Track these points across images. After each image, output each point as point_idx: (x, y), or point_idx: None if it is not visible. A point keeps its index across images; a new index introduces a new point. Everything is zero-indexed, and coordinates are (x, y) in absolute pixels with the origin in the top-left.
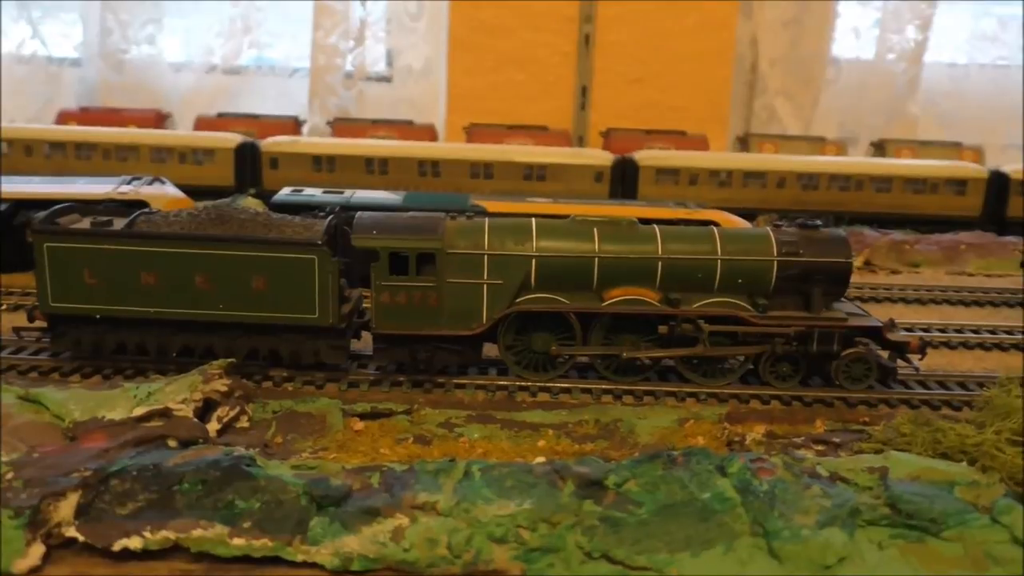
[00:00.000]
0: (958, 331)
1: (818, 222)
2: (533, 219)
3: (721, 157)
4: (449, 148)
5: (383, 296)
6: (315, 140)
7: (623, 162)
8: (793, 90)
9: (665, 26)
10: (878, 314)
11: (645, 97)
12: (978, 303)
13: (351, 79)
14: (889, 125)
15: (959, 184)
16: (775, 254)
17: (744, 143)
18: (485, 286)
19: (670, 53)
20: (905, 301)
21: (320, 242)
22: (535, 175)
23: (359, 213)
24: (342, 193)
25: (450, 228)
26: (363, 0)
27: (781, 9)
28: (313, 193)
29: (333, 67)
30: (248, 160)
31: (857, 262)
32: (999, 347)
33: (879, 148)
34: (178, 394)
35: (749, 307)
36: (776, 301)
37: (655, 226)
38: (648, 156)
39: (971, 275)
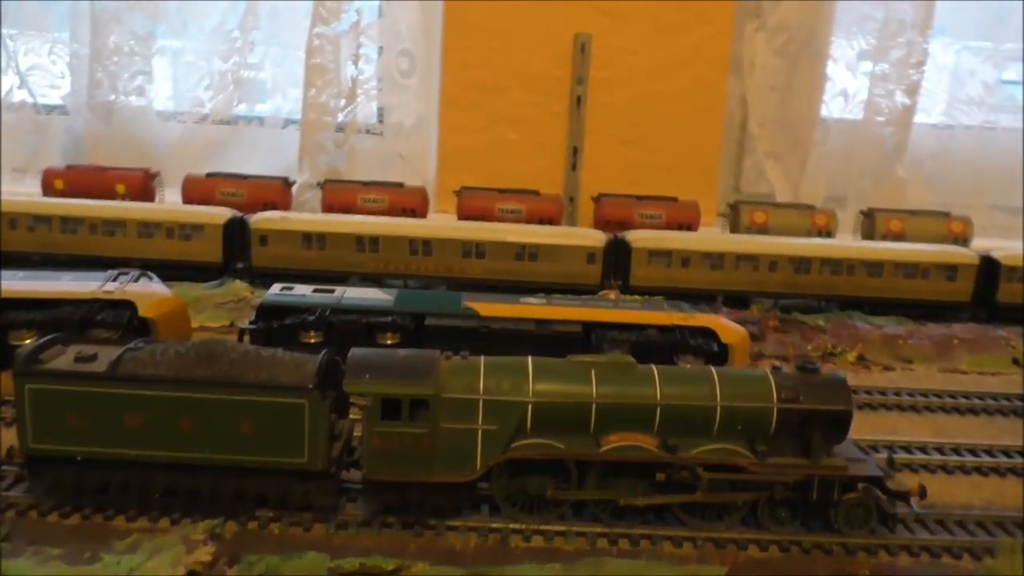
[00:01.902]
0: (955, 451)
1: (816, 364)
2: (530, 359)
3: (713, 239)
4: (440, 227)
5: (375, 442)
6: (305, 217)
7: (616, 243)
8: (782, 152)
9: (656, 89)
10: (876, 425)
11: (636, 158)
12: (973, 411)
13: (342, 137)
14: (877, 187)
15: (950, 270)
16: (775, 400)
17: (735, 211)
18: (480, 431)
19: (661, 115)
20: (900, 408)
21: (311, 386)
22: (527, 255)
23: (352, 351)
24: (333, 292)
25: (444, 370)
26: (355, 60)
27: (770, 73)
28: (303, 293)
29: (324, 125)
30: (237, 236)
31: (850, 357)
32: (996, 471)
33: (868, 217)
34: (160, 568)
35: (748, 453)
36: (775, 446)
37: (653, 367)
38: (641, 238)
39: (964, 373)
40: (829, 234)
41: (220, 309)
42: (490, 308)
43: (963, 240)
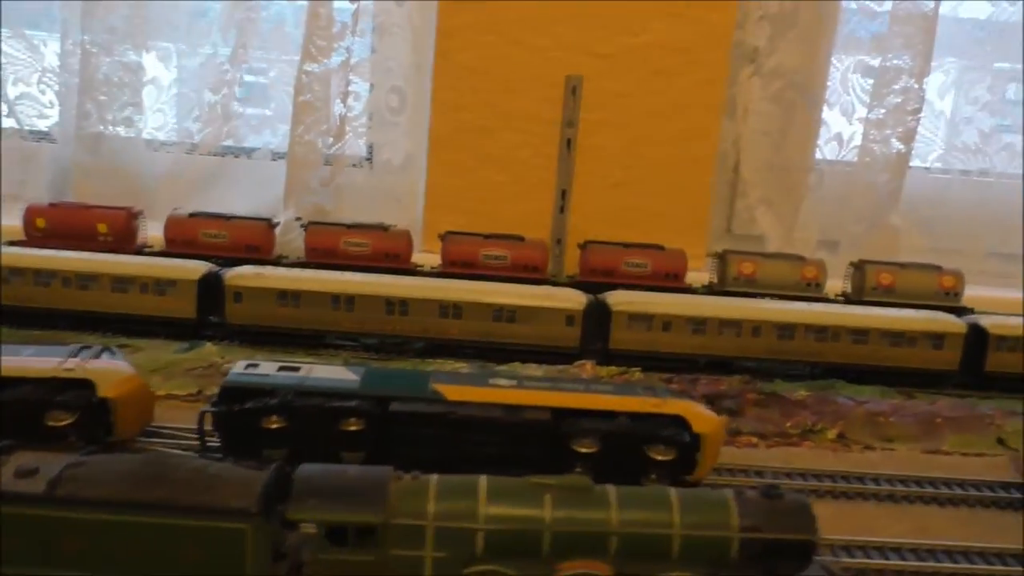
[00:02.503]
0: (930, 552)
1: (779, 490)
2: (483, 481)
3: (695, 303)
4: (417, 286)
5: (321, 570)
6: (280, 273)
7: (595, 305)
8: (775, 198)
9: (648, 133)
10: (853, 520)
11: (626, 202)
12: (953, 503)
13: (328, 176)
14: (870, 233)
15: (937, 338)
16: (736, 528)
17: (723, 260)
18: (429, 559)
19: (652, 159)
20: (877, 499)
21: (254, 511)
22: (505, 317)
23: (300, 469)
24: (298, 371)
25: (395, 492)
26: (343, 97)
27: (764, 119)
28: (267, 373)
29: (310, 164)
30: (212, 291)
31: (830, 435)
32: None
33: (859, 269)
34: None
35: None
36: (737, 573)
37: (610, 489)
38: (621, 301)
39: (948, 454)
40: (818, 286)
41: (188, 376)
42: (457, 392)
43: (954, 294)
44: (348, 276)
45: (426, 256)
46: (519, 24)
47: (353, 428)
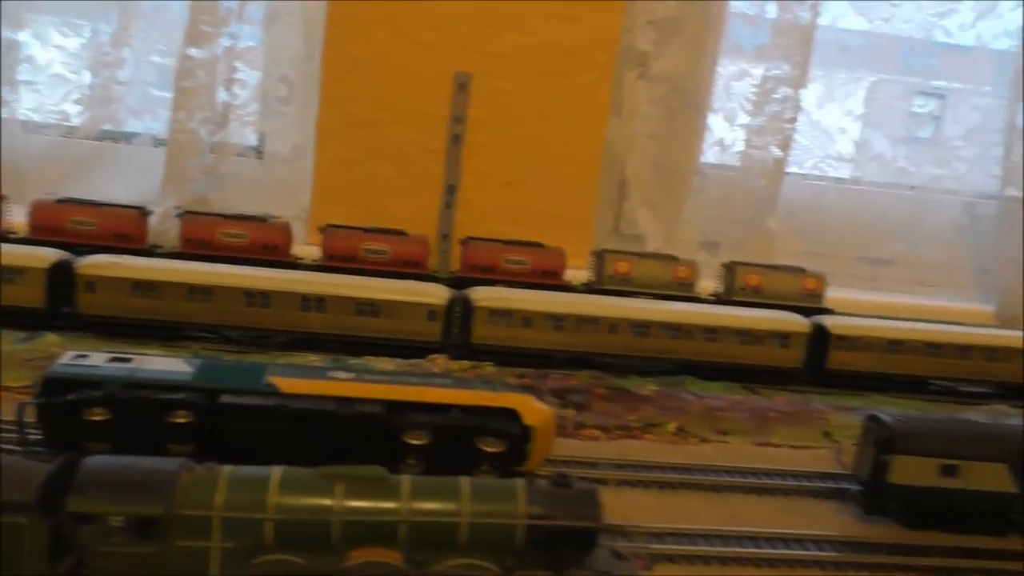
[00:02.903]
0: (736, 538)
1: (568, 479)
2: (276, 471)
3: (556, 300)
4: (279, 278)
5: (102, 563)
6: (137, 262)
7: (459, 300)
8: (658, 199)
9: (536, 132)
10: (671, 506)
11: (512, 200)
12: (771, 492)
13: (211, 165)
14: (749, 236)
15: (783, 337)
16: (523, 516)
17: (600, 259)
18: (216, 550)
19: (540, 158)
20: (701, 488)
21: (30, 504)
22: (368, 311)
23: (88, 460)
24: (129, 362)
25: (183, 484)
26: (228, 85)
27: (650, 121)
28: (95, 364)
29: (192, 151)
30: (63, 280)
31: (670, 428)
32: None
33: (730, 270)
34: None
35: (495, 568)
36: (524, 560)
37: (405, 479)
38: (483, 297)
39: (777, 446)
40: (691, 285)
41: (25, 367)
42: (293, 384)
43: (816, 296)
44: (208, 267)
45: (312, 249)
46: (411, 19)
47: (181, 420)
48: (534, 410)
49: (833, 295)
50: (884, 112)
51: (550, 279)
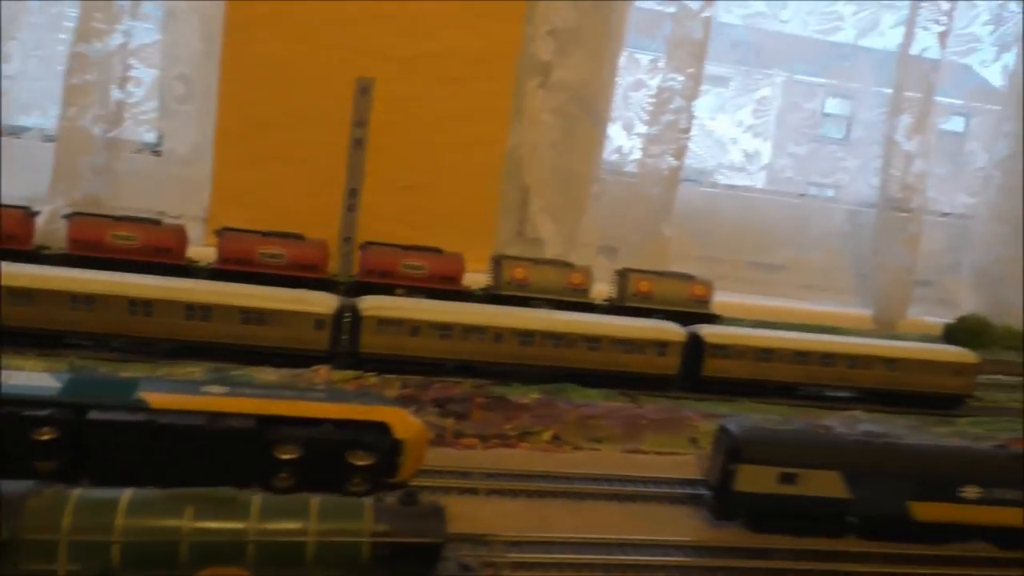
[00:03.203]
0: (591, 545)
1: (415, 496)
2: (127, 494)
3: (442, 309)
4: (162, 286)
5: None
6: (12, 269)
7: (347, 308)
8: (557, 206)
9: (437, 138)
10: (533, 514)
11: (414, 204)
12: (632, 499)
13: (104, 163)
14: (645, 242)
15: (661, 345)
16: (368, 532)
17: (497, 264)
18: (62, 574)
19: (441, 164)
20: (567, 496)
21: None
22: (254, 319)
23: None
24: None
25: (30, 507)
26: (122, 83)
27: (549, 129)
28: None
29: (82, 149)
30: None
31: (546, 436)
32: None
33: (622, 276)
34: None
35: None
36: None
37: (256, 499)
38: (370, 306)
39: (645, 453)
40: (585, 291)
41: None
42: (163, 400)
43: (704, 301)
44: (88, 275)
45: (210, 251)
46: (312, 22)
47: (46, 437)
48: (405, 423)
49: (723, 299)
50: (772, 125)
51: (449, 284)
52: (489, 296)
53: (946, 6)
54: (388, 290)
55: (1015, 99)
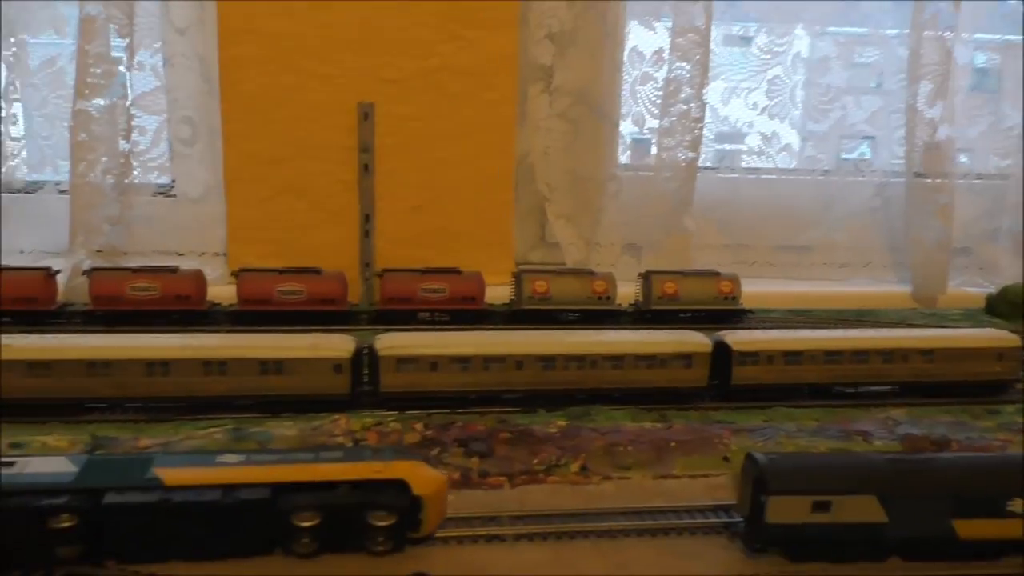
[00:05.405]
0: None
1: None
2: None
3: (460, 341)
4: (176, 346)
5: None
6: (28, 343)
7: (364, 350)
8: (573, 211)
9: (443, 155)
10: (563, 559)
11: (427, 224)
12: (664, 532)
13: (118, 214)
14: (668, 238)
15: (686, 358)
16: None
17: (518, 279)
18: None
19: (450, 180)
20: (596, 536)
21: None
22: (272, 370)
23: None
24: (12, 466)
25: None
26: (127, 134)
27: (556, 135)
28: None
29: (96, 203)
30: None
31: (574, 468)
32: None
33: (646, 279)
34: None
35: None
36: None
37: None
38: (387, 346)
39: (677, 477)
40: (609, 298)
41: None
42: (177, 476)
43: (732, 297)
44: (101, 341)
45: (232, 289)
46: (303, 53)
47: (65, 525)
48: (424, 479)
49: (753, 289)
50: (788, 105)
51: (470, 304)
52: (512, 312)
53: None
54: (411, 316)
55: None
